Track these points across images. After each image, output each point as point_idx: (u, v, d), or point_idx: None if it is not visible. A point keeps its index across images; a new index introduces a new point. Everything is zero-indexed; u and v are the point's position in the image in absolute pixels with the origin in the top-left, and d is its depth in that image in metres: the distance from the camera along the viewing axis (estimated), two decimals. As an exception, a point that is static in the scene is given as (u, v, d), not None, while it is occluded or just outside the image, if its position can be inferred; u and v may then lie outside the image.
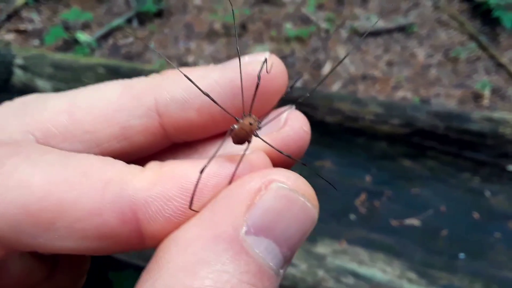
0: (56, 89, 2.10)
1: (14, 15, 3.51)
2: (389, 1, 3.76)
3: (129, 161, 0.41)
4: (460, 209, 1.60)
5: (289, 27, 3.49)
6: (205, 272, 0.32)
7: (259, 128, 0.46)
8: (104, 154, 0.43)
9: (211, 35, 3.45)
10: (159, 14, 3.56)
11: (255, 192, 0.36)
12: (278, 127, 0.47)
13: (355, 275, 1.30)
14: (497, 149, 1.62)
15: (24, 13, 3.55)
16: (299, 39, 3.42)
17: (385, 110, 1.62)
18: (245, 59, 0.46)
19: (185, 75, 0.43)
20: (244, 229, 0.34)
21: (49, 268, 0.49)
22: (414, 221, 1.56)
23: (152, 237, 0.38)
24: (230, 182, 0.39)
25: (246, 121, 0.44)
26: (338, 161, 1.45)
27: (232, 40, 3.42)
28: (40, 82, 1.90)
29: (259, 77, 0.44)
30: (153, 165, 0.39)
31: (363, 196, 1.58)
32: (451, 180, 1.64)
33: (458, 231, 1.54)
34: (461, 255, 1.47)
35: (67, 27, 3.37)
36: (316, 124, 1.50)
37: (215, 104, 0.44)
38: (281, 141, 0.46)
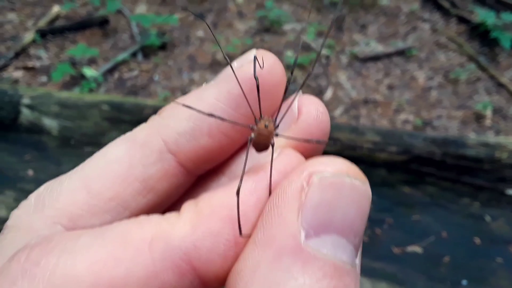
0: (63, 127, 2.17)
1: (22, 52, 3.62)
2: (388, 26, 3.82)
3: (163, 212, 0.40)
4: (461, 235, 1.60)
5: (290, 55, 3.55)
6: None
7: (277, 126, 0.43)
8: (136, 214, 0.42)
9: (214, 65, 3.52)
10: (163, 47, 3.65)
11: (299, 192, 0.33)
12: (294, 118, 0.44)
13: (358, 305, 1.30)
14: (495, 174, 1.63)
15: (32, 51, 3.66)
16: (301, 66, 3.47)
17: (383, 138, 1.64)
18: (234, 65, 0.44)
19: (182, 104, 0.42)
20: (303, 234, 0.32)
21: None
22: (416, 248, 1.56)
23: (215, 279, 0.36)
24: (270, 193, 0.37)
25: (261, 125, 0.42)
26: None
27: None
28: (47, 121, 1.95)
29: (256, 79, 0.42)
30: (188, 206, 0.38)
31: (364, 224, 1.59)
32: (451, 206, 1.65)
33: (460, 257, 1.54)
34: (464, 282, 1.47)
35: (73, 63, 3.47)
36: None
37: (224, 122, 0.42)
38: (303, 131, 0.43)
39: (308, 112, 0.43)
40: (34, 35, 3.70)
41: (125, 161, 0.43)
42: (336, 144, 1.63)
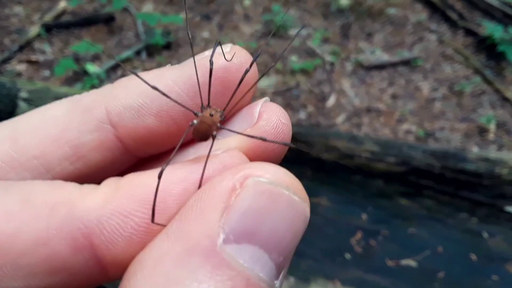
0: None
1: (26, 46, 3.62)
2: (394, 36, 3.80)
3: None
4: (457, 250, 1.57)
5: (294, 60, 3.54)
6: None
7: (223, 118, 0.41)
8: (57, 179, 0.38)
9: (217, 67, 3.51)
10: (167, 46, 3.64)
11: (229, 192, 0.30)
12: (252, 122, 0.41)
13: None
14: (494, 190, 1.60)
15: (37, 44, 3.65)
16: (304, 72, 3.45)
17: (381, 148, 1.62)
18: (205, 53, 0.42)
19: (136, 74, 0.39)
20: (222, 237, 0.29)
21: None
22: (410, 262, 1.53)
23: (115, 265, 0.32)
24: (199, 187, 0.33)
25: (206, 113, 0.40)
26: (334, 198, 1.43)
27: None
28: (43, 116, 1.93)
29: (211, 62, 0.39)
30: (110, 181, 0.34)
31: (359, 235, 1.56)
32: (448, 220, 1.62)
33: (455, 273, 1.51)
34: (458, 299, 1.44)
35: (77, 59, 3.46)
36: (312, 161, 1.50)
37: (175, 106, 0.40)
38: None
39: (267, 119, 0.40)
40: (39, 29, 3.70)
41: (60, 122, 0.40)
42: (333, 152, 1.61)
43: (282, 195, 0.31)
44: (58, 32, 3.80)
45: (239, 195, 0.30)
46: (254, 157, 0.39)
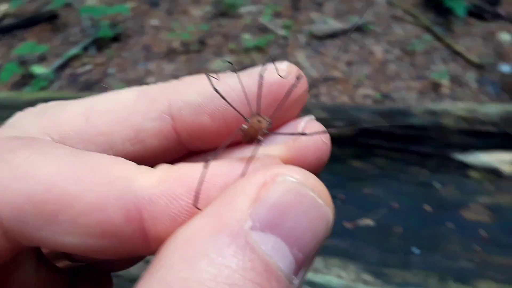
0: None
1: (-32, 54, 3.47)
2: (344, 2, 3.80)
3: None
4: (412, 204, 1.60)
5: (247, 38, 3.50)
6: (204, 265, 0.30)
7: (269, 126, 0.45)
8: (118, 156, 0.42)
9: (170, 54, 3.44)
10: (116, 38, 3.54)
11: (260, 185, 0.34)
12: (295, 136, 0.45)
13: (311, 284, 1.28)
14: (441, 140, 1.63)
15: (-21, 52, 3.51)
16: (258, 49, 3.42)
17: (329, 114, 1.61)
18: (266, 67, 0.46)
19: (206, 74, 0.44)
20: (249, 223, 0.32)
21: (67, 286, 0.49)
22: (367, 221, 1.55)
23: (157, 239, 0.36)
24: None
25: (255, 119, 0.44)
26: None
27: (192, 57, 3.41)
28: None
29: (261, 76, 0.44)
30: (163, 166, 0.39)
31: (316, 202, 1.57)
32: (401, 175, 1.64)
33: (411, 226, 1.53)
34: (416, 250, 1.47)
35: (23, 62, 3.34)
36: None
37: (229, 110, 0.44)
38: (298, 151, 0.44)
39: (310, 136, 0.45)
40: (-20, 36, 3.54)
41: (129, 106, 0.45)
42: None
43: (307, 196, 0.34)
44: (2, 36, 3.65)
45: (268, 188, 0.33)
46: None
